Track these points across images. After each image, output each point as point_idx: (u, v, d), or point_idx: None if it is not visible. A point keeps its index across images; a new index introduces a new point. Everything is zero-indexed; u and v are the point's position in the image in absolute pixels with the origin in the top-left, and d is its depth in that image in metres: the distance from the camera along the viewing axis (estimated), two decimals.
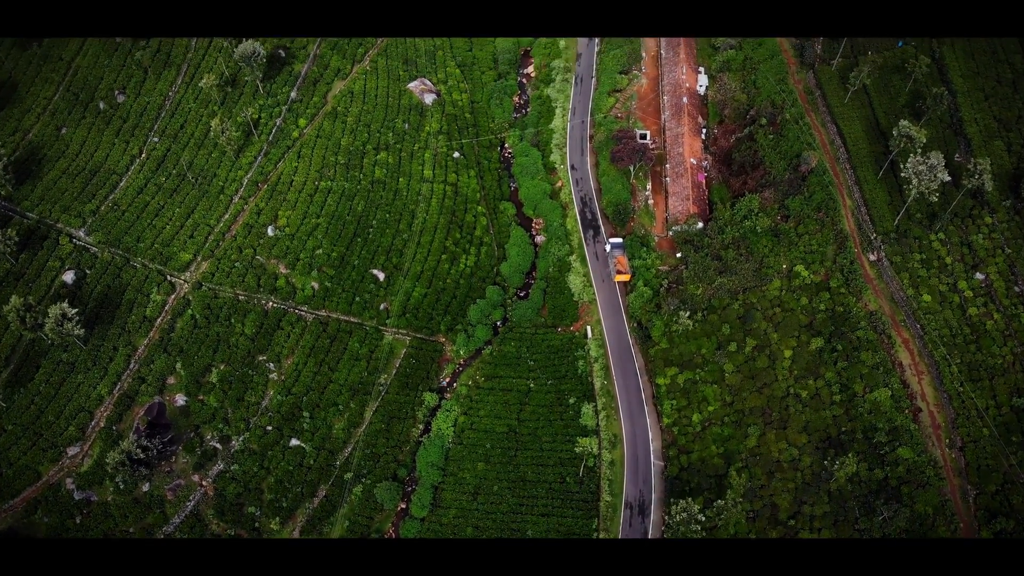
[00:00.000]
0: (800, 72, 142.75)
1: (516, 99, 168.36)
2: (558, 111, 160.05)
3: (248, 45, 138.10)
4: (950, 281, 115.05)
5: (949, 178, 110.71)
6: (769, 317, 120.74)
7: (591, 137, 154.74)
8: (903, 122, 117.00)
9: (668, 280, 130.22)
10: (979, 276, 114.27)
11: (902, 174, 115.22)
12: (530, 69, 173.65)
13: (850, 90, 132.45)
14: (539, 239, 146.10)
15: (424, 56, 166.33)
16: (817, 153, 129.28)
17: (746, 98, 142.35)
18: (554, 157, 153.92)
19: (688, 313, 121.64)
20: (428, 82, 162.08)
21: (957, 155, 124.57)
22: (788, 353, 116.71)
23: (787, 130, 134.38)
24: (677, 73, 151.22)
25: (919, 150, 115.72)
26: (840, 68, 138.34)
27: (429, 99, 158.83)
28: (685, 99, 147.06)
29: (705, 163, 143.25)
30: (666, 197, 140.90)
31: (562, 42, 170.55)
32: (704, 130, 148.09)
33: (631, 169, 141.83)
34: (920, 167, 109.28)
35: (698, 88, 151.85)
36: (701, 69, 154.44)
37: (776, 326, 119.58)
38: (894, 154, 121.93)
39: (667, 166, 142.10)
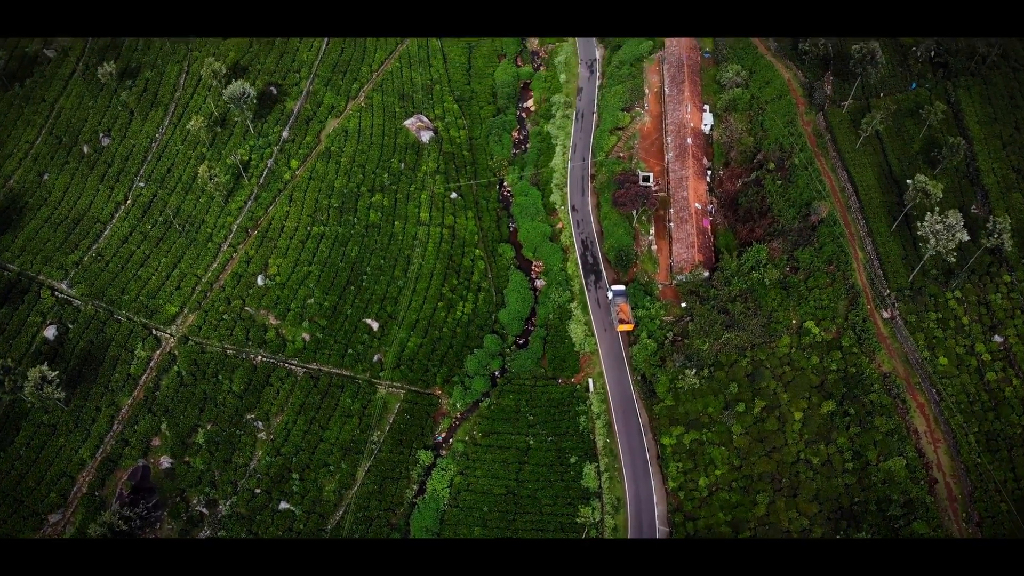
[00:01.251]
0: (809, 113, 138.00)
1: (515, 134, 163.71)
2: (558, 149, 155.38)
3: (237, 86, 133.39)
4: (967, 343, 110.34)
5: (968, 238, 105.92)
6: (778, 376, 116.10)
7: (592, 176, 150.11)
8: (919, 176, 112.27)
9: (673, 332, 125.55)
10: (997, 339, 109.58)
11: (918, 232, 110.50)
12: (530, 103, 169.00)
13: (862, 136, 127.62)
14: (539, 283, 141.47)
15: (421, 91, 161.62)
16: (828, 202, 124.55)
17: (753, 141, 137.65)
18: (554, 197, 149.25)
19: (694, 371, 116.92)
20: (425, 118, 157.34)
21: (974, 207, 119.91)
22: (798, 415, 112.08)
23: (796, 176, 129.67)
24: (681, 112, 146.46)
25: (935, 206, 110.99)
26: (851, 110, 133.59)
27: (426, 136, 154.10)
28: (689, 140, 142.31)
29: (710, 207, 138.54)
30: (670, 243, 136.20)
31: (562, 75, 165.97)
32: (709, 172, 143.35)
33: (634, 213, 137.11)
34: (937, 226, 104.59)
35: (703, 127, 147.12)
36: (706, 107, 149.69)
37: (786, 386, 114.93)
38: (909, 207, 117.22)
39: (671, 211, 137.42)
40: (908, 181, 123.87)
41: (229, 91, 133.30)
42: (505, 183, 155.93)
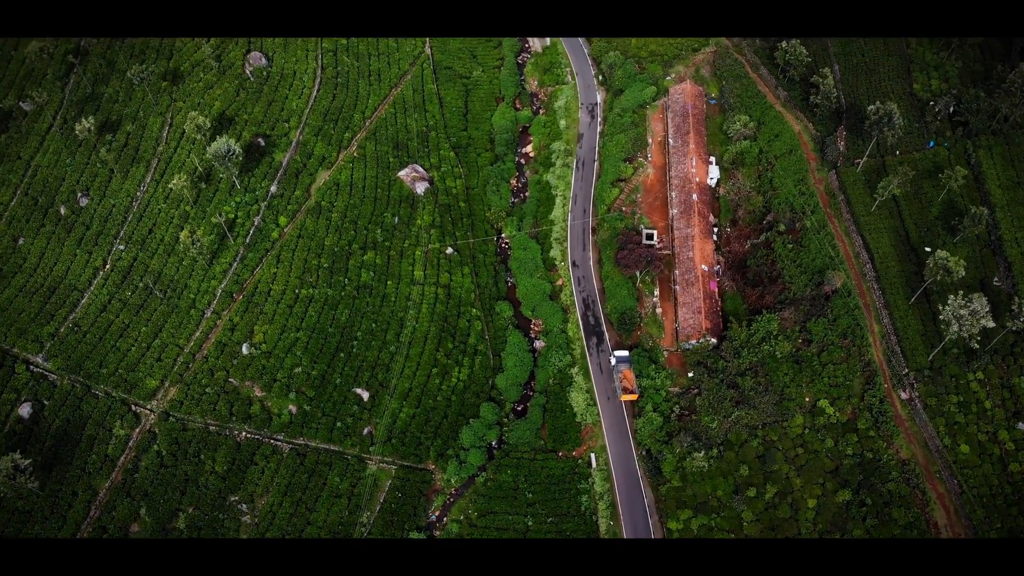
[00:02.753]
0: (821, 171, 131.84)
1: (514, 182, 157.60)
2: (558, 200, 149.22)
3: (221, 143, 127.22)
4: (990, 429, 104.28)
5: (993, 324, 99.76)
6: (791, 459, 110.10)
7: (594, 230, 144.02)
8: (940, 253, 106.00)
9: (680, 406, 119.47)
10: (1021, 426, 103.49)
11: (940, 316, 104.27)
12: (528, 148, 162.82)
13: (877, 199, 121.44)
14: (538, 344, 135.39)
15: (416, 138, 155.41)
16: (842, 272, 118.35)
17: (762, 200, 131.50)
18: (554, 252, 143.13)
19: (703, 452, 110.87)
20: (420, 168, 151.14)
21: (996, 279, 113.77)
22: (812, 503, 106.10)
23: (808, 240, 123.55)
24: (686, 165, 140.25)
25: (957, 285, 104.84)
26: (866, 170, 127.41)
27: (421, 188, 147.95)
28: (695, 196, 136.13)
29: (717, 268, 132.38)
30: (675, 306, 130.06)
31: (562, 121, 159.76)
32: (716, 229, 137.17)
33: (637, 273, 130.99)
34: (962, 311, 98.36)
35: (708, 181, 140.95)
36: (712, 159, 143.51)
37: (799, 470, 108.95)
38: (929, 283, 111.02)
39: (676, 272, 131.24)
40: (927, 249, 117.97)
41: (213, 149, 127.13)
42: (503, 235, 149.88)
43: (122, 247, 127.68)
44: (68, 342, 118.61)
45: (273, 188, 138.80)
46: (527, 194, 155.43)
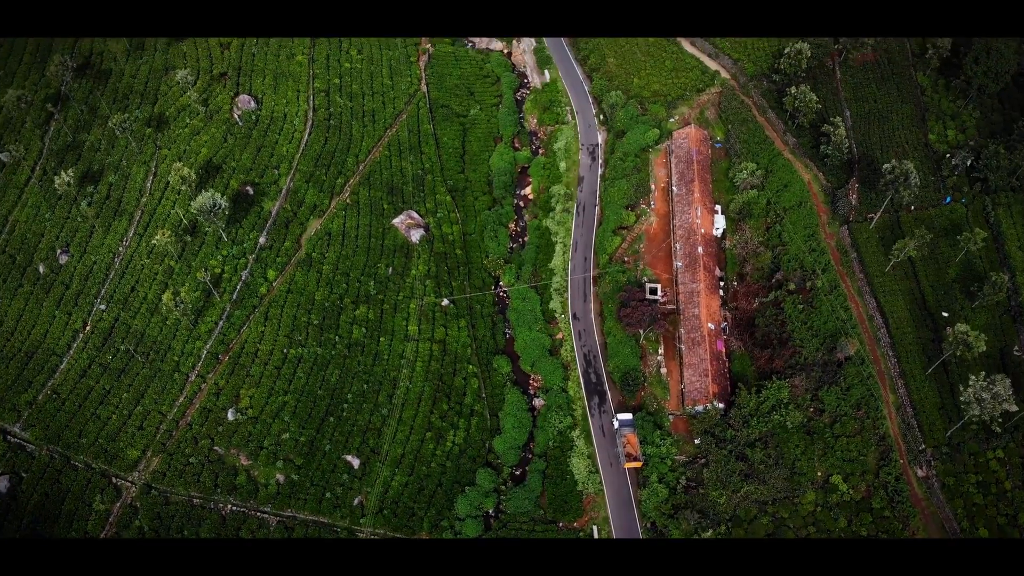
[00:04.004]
0: (832, 225, 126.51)
1: (512, 226, 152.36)
2: (558, 247, 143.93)
3: (206, 197, 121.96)
4: (1010, 512, 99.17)
5: (1015, 408, 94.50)
6: (803, 539, 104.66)
7: (595, 279, 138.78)
8: (960, 326, 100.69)
9: (686, 477, 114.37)
10: None
11: (961, 397, 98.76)
12: (527, 190, 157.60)
13: (892, 260, 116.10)
14: (537, 401, 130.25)
15: (411, 182, 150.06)
16: (855, 338, 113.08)
17: (771, 256, 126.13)
18: (554, 304, 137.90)
19: (710, 531, 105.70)
20: (415, 214, 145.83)
21: (1016, 348, 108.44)
22: None
23: (819, 301, 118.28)
24: (691, 215, 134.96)
25: (977, 361, 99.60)
26: (879, 226, 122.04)
27: (416, 236, 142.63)
28: (700, 248, 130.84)
29: (724, 325, 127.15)
30: (681, 366, 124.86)
31: (562, 163, 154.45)
32: (722, 283, 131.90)
33: (641, 331, 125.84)
34: (983, 393, 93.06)
35: (714, 232, 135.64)
36: (717, 208, 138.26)
37: None
38: (947, 356, 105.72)
39: (682, 331, 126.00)
40: (944, 314, 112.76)
41: (197, 204, 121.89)
42: (501, 283, 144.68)
43: (103, 307, 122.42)
44: (47, 410, 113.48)
45: (262, 239, 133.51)
46: (526, 239, 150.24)
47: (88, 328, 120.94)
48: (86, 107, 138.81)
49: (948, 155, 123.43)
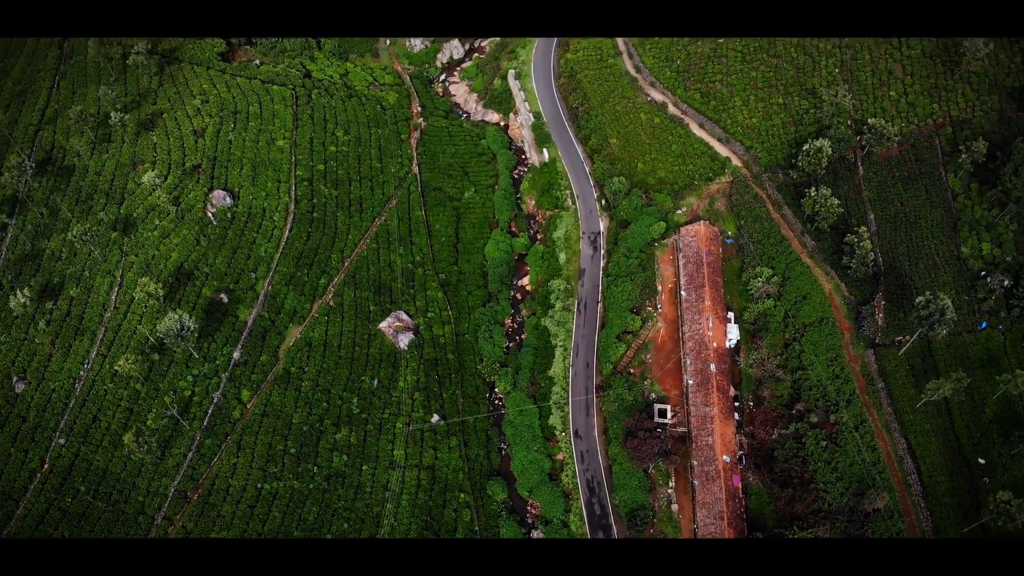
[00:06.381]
0: (857, 346, 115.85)
1: (509, 322, 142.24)
2: (558, 352, 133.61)
3: (173, 320, 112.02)
4: None
5: None
6: None
7: (599, 388, 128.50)
8: (1001, 494, 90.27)
9: None
10: None
11: None
12: (525, 280, 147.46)
13: (924, 399, 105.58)
14: (536, 533, 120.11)
15: (401, 278, 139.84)
16: (885, 489, 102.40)
17: (790, 382, 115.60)
18: (554, 420, 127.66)
19: None
20: (404, 315, 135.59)
21: None
22: None
23: (843, 439, 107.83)
24: (702, 325, 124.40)
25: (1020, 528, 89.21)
26: (909, 353, 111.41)
27: (404, 341, 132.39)
28: (713, 366, 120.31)
29: (740, 453, 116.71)
30: (693, 502, 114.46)
31: (562, 254, 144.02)
32: (737, 403, 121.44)
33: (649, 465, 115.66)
34: None
35: (727, 343, 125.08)
36: (730, 315, 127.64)
37: None
38: (986, 519, 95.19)
39: (694, 463, 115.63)
40: (980, 461, 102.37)
41: (163, 327, 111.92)
42: (497, 390, 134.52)
43: (63, 441, 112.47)
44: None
45: (236, 354, 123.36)
46: (524, 336, 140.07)
47: (46, 467, 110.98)
48: (46, 210, 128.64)
49: (983, 273, 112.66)
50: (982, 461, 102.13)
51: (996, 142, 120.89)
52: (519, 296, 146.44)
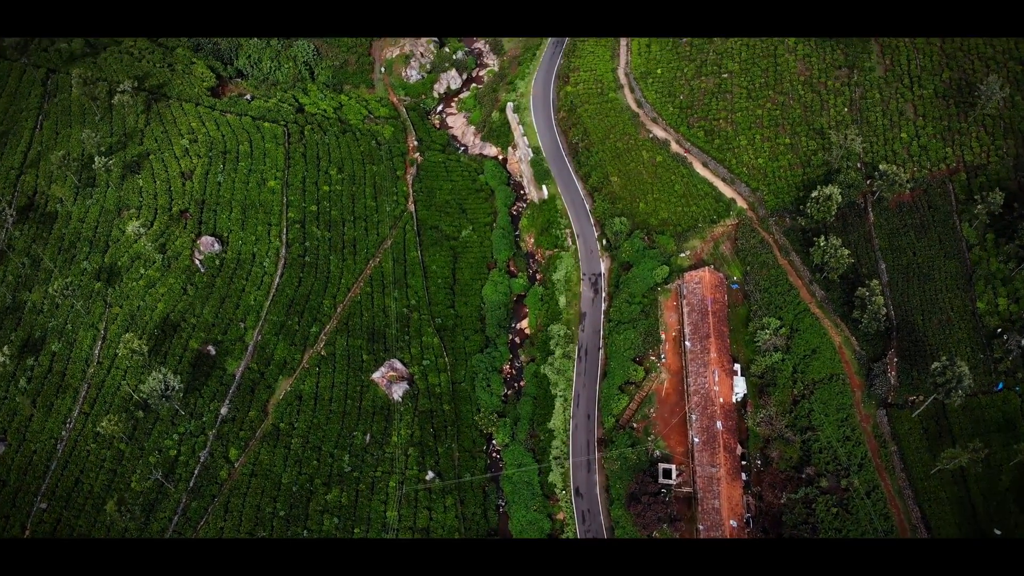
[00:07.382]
0: (868, 405, 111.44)
1: (507, 367, 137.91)
2: (558, 402, 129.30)
3: (156, 380, 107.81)
4: None
5: None
6: None
7: (600, 442, 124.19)
8: None
9: None
10: None
11: None
12: (524, 323, 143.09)
13: (939, 466, 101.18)
14: None
15: (395, 323, 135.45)
16: None
17: (799, 443, 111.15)
18: (554, 476, 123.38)
19: None
20: (398, 364, 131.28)
21: None
22: None
23: (855, 506, 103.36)
24: (707, 378, 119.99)
25: None
26: (923, 415, 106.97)
27: (398, 392, 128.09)
28: (719, 423, 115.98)
29: (747, 516, 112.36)
30: None
31: (562, 298, 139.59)
32: (744, 461, 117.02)
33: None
34: None
35: (734, 397, 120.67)
36: (737, 367, 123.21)
37: None
38: None
39: (700, 527, 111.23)
40: (996, 532, 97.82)
41: (147, 387, 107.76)
42: (495, 441, 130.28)
43: (44, 506, 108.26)
44: None
45: (224, 410, 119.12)
46: (522, 384, 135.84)
47: (27, 533, 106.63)
48: (28, 260, 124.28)
49: (999, 330, 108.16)
50: (998, 532, 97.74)
51: (1012, 190, 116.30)
52: (517, 340, 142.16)
